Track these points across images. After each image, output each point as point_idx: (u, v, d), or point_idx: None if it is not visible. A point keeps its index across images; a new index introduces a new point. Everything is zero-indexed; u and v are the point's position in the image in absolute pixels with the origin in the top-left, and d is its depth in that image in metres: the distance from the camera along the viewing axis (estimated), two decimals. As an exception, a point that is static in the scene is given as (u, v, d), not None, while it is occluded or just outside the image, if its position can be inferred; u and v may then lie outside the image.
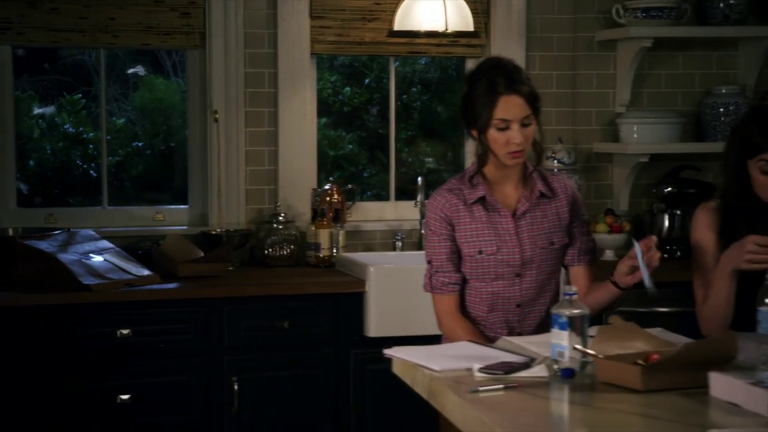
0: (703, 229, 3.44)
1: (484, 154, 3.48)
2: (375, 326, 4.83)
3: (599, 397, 2.75)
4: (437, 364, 3.00)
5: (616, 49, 5.66)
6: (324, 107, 6.57)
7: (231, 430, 4.78)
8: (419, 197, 5.48)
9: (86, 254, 4.76)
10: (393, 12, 5.23)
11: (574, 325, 2.92)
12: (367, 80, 6.80)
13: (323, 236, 5.29)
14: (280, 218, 5.33)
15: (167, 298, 4.72)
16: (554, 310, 2.95)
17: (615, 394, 2.75)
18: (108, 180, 5.53)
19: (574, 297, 2.96)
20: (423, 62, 6.71)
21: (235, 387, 4.76)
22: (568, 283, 3.58)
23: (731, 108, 5.54)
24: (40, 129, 6.13)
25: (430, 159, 6.62)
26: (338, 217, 5.37)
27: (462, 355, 3.09)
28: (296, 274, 5.12)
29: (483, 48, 5.66)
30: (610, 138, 5.68)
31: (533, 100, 3.43)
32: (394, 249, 5.49)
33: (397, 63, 6.75)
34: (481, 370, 2.91)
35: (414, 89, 6.79)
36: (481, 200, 3.52)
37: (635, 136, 5.52)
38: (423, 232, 5.22)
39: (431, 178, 5.90)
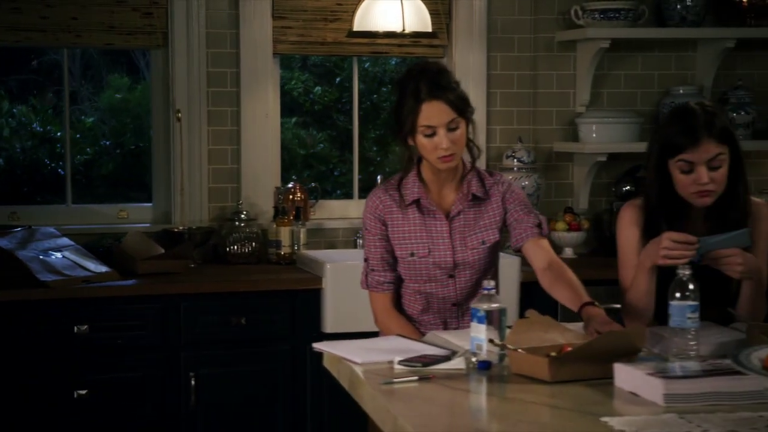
0: (628, 225, 3.51)
1: (410, 161, 3.55)
2: (331, 322, 4.91)
3: (509, 388, 2.82)
4: (360, 357, 3.08)
5: (575, 50, 5.73)
6: (295, 106, 6.65)
7: (188, 424, 4.85)
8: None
9: (45, 251, 4.83)
10: (354, 13, 5.29)
11: (492, 318, 2.99)
12: (338, 79, 6.88)
13: (284, 234, 5.36)
14: (242, 216, 5.40)
15: (125, 295, 4.80)
16: (473, 305, 3.03)
17: (525, 385, 2.82)
18: (77, 178, 5.59)
19: (492, 292, 3.04)
20: (394, 62, 6.78)
21: (192, 382, 4.83)
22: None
23: (689, 108, 5.59)
24: (10, 128, 6.21)
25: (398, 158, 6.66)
26: (301, 215, 5.44)
27: (387, 349, 3.17)
28: (256, 271, 5.19)
29: (445, 49, 5.73)
30: (571, 137, 5.75)
31: (459, 104, 3.47)
32: (355, 246, 5.55)
33: (368, 63, 6.84)
34: (400, 362, 2.98)
35: (384, 89, 6.87)
36: (416, 203, 3.58)
37: (594, 135, 5.59)
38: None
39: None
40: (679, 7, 5.62)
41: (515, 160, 5.58)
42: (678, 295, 2.95)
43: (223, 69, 5.47)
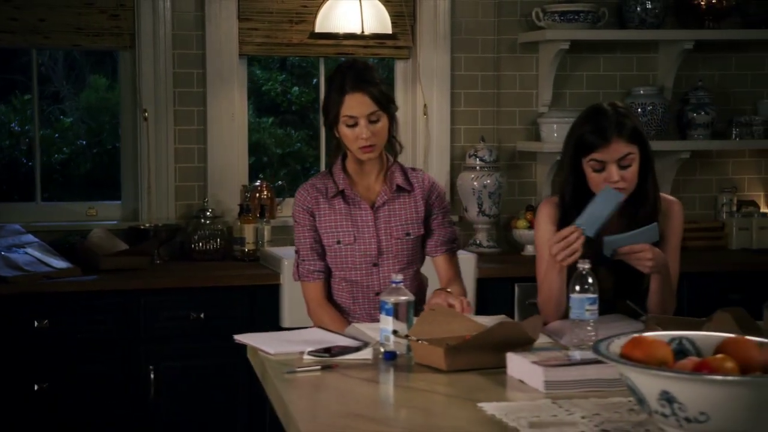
0: (545, 223, 3.61)
1: (336, 149, 3.70)
2: (289, 316, 5.01)
3: (407, 377, 2.94)
4: (273, 347, 3.19)
5: (538, 51, 5.83)
6: (273, 106, 6.76)
7: (148, 417, 4.96)
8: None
9: (9, 248, 4.95)
10: (316, 14, 5.41)
11: (399, 310, 3.10)
12: (314, 80, 6.99)
13: (248, 231, 5.48)
14: (208, 214, 5.52)
15: (85, 290, 4.90)
16: (381, 297, 3.14)
17: (424, 374, 2.94)
18: (54, 177, 5.70)
19: (400, 285, 3.15)
20: (372, 62, 6.88)
21: (152, 376, 4.94)
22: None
23: (648, 108, 5.70)
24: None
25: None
26: (266, 213, 5.55)
27: (302, 340, 3.28)
28: (219, 267, 5.31)
29: (410, 50, 5.83)
30: (534, 137, 5.85)
31: (381, 99, 3.64)
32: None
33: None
34: (309, 352, 3.10)
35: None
36: (341, 193, 3.71)
37: (555, 135, 5.68)
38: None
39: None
40: (638, 9, 5.71)
41: (477, 159, 5.68)
42: (577, 288, 3.06)
43: (189, 70, 5.59)
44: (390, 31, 5.41)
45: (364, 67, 3.71)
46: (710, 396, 2.18)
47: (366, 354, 3.09)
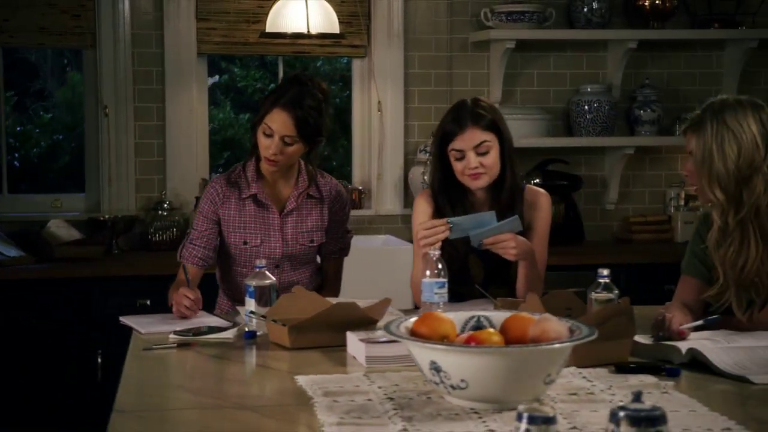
0: (420, 213, 3.80)
1: (252, 150, 3.88)
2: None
3: (255, 353, 3.15)
4: (145, 328, 3.41)
5: (489, 50, 6.01)
6: (252, 103, 6.99)
7: (94, 398, 5.19)
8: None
9: (-37, 236, 5.22)
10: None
11: (262, 293, 3.31)
12: (290, 78, 7.20)
13: (203, 222, 5.69)
14: (165, 206, 5.75)
15: (36, 278, 5.16)
16: (246, 281, 3.35)
17: (273, 351, 3.15)
18: (29, 170, 5.96)
19: (264, 269, 3.35)
20: (345, 61, 7.09)
21: (99, 360, 5.18)
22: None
23: (595, 105, 5.87)
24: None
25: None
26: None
27: (178, 322, 3.49)
28: (172, 256, 5.47)
29: (365, 48, 6.03)
30: (486, 133, 6.02)
31: (304, 128, 3.74)
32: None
33: (321, 62, 7.17)
34: (174, 332, 3.31)
35: (334, 86, 7.19)
36: (253, 197, 3.89)
37: (503, 131, 5.85)
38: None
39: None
40: (585, 10, 5.88)
41: (427, 153, 5.85)
42: (428, 273, 3.26)
43: (148, 68, 5.83)
44: (338, 31, 5.60)
45: (307, 91, 3.77)
46: (467, 365, 2.38)
47: (229, 334, 3.30)
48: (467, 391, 2.40)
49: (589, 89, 5.93)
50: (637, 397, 2.03)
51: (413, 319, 2.62)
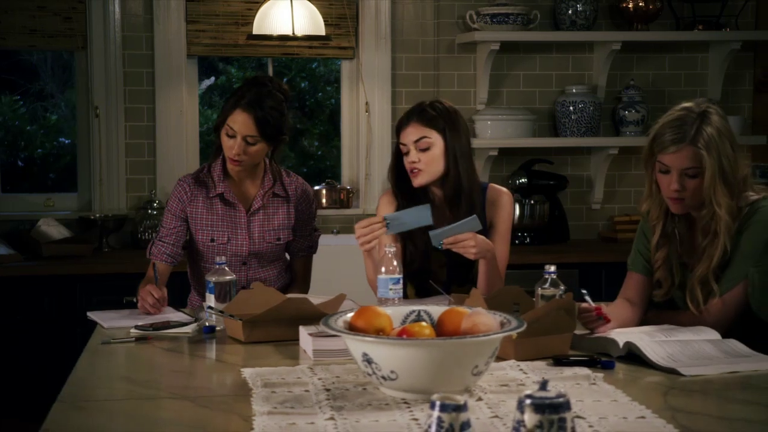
0: (381, 212, 3.88)
1: (216, 151, 3.97)
2: (218, 301, 5.30)
3: (210, 347, 3.24)
4: (108, 322, 3.50)
5: (475, 52, 6.08)
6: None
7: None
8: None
9: (-46, 234, 5.32)
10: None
11: (221, 289, 3.40)
12: (285, 79, 7.30)
13: (192, 222, 5.79)
14: (155, 205, 5.85)
15: (23, 275, 5.26)
16: (206, 277, 3.44)
17: (230, 345, 3.24)
18: (33, 170, 6.06)
19: (224, 266, 3.44)
20: (339, 62, 7.16)
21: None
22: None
23: (579, 106, 5.94)
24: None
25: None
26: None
27: (142, 317, 3.58)
28: (160, 255, 5.62)
29: (354, 50, 6.11)
30: (473, 134, 6.10)
31: (265, 127, 3.84)
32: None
33: (316, 63, 7.26)
34: (136, 327, 3.39)
35: (329, 87, 7.28)
36: (220, 196, 3.98)
37: (489, 132, 5.94)
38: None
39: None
40: (570, 12, 5.95)
41: (414, 154, 5.94)
42: (383, 269, 3.34)
43: (138, 69, 5.93)
44: (323, 33, 5.68)
45: (267, 92, 3.88)
46: (396, 357, 2.46)
47: (188, 329, 3.38)
48: (397, 381, 2.48)
49: (574, 90, 6.00)
50: (543, 385, 2.10)
51: (352, 313, 2.70)
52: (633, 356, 2.93)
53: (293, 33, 5.57)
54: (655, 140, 3.23)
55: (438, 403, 2.10)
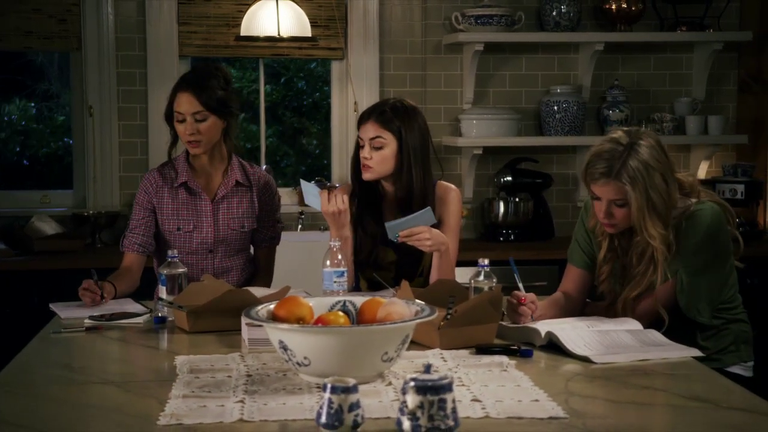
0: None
1: (172, 143, 4.11)
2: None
3: (155, 337, 3.37)
4: (65, 313, 3.64)
5: (462, 52, 6.19)
6: (246, 103, 7.21)
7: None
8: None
9: (-54, 230, 5.48)
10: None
11: (172, 281, 3.53)
12: (283, 79, 7.44)
13: (183, 218, 5.93)
14: (147, 202, 5.99)
15: (14, 269, 5.41)
16: (159, 269, 3.57)
17: (176, 335, 3.37)
18: (37, 169, 6.24)
19: (176, 259, 3.57)
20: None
21: (74, 347, 5.42)
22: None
23: (564, 106, 6.04)
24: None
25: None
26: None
27: (104, 308, 3.71)
28: (150, 251, 5.76)
29: (343, 51, 6.23)
30: (458, 133, 6.21)
31: (210, 101, 3.98)
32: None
33: (315, 64, 7.39)
34: (89, 317, 3.53)
35: (326, 87, 7.39)
36: (184, 185, 4.12)
37: (474, 131, 6.05)
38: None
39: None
40: (554, 13, 6.05)
41: (400, 153, 6.06)
42: (328, 263, 3.47)
43: (132, 69, 6.08)
44: (309, 34, 5.81)
45: (206, 72, 4.04)
46: (308, 344, 2.59)
47: (139, 319, 3.52)
48: (310, 367, 2.60)
49: (558, 90, 6.10)
50: (427, 369, 2.22)
51: (272, 305, 2.82)
52: (555, 345, 3.03)
53: (279, 34, 5.69)
54: (587, 169, 3.34)
55: (329, 385, 2.23)
